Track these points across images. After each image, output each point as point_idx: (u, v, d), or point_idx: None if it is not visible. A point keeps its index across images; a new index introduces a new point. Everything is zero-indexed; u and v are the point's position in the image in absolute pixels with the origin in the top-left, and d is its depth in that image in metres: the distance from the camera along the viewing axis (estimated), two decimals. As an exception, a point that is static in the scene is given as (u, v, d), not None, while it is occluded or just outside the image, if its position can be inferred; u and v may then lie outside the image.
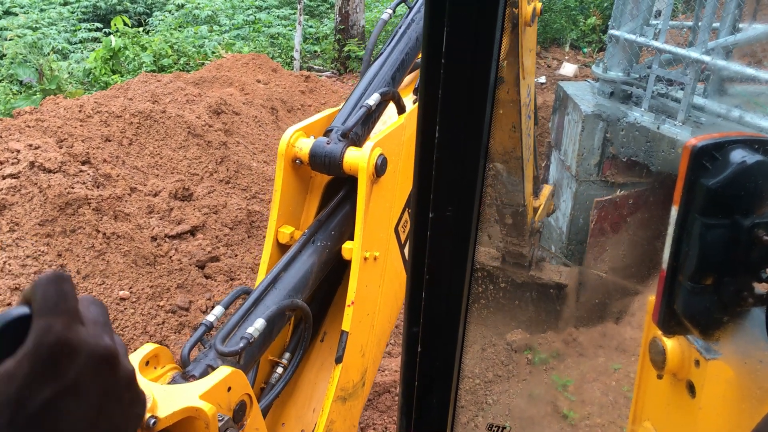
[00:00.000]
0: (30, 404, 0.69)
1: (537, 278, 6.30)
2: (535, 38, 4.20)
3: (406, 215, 2.21)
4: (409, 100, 2.45)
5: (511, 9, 3.66)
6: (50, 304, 0.72)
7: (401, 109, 2.22)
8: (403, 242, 2.22)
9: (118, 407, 0.77)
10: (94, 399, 0.74)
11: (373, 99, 2.05)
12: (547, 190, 5.93)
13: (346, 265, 1.97)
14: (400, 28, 2.48)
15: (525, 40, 3.87)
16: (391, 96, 2.15)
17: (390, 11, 2.62)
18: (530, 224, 5.53)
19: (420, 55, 2.69)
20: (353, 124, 1.98)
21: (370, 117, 2.09)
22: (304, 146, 1.97)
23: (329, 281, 2.14)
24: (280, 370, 1.92)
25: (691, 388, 1.37)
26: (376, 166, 1.89)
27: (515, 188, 4.99)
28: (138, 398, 0.83)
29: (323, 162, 1.95)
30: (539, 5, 3.96)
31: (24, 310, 0.74)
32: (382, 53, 2.37)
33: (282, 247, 2.02)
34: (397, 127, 2.06)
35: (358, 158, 1.89)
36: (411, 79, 2.61)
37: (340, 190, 2.09)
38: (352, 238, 1.94)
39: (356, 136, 2.01)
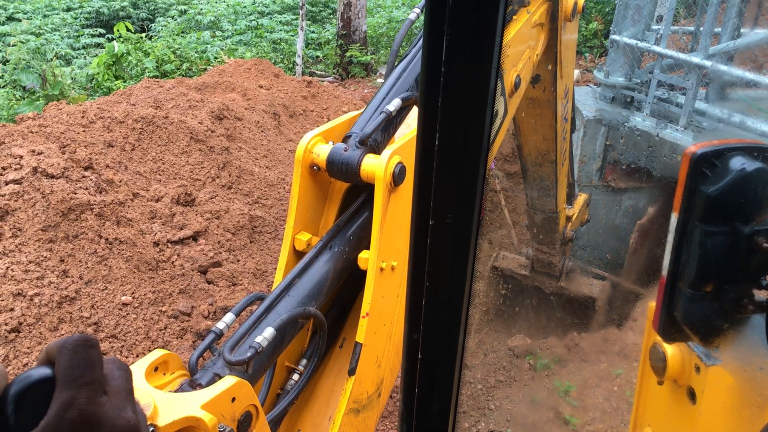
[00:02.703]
0: None
1: (565, 290, 6.06)
2: (575, 36, 3.99)
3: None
4: None
5: (552, 3, 3.46)
6: (75, 374, 0.72)
7: None
8: None
9: None
10: None
11: (393, 104, 1.99)
12: (581, 198, 5.64)
13: (364, 271, 1.93)
14: None
15: (564, 37, 3.70)
16: (413, 101, 2.08)
17: (417, 11, 2.48)
18: (562, 233, 5.32)
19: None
20: (372, 130, 1.93)
21: (391, 123, 2.03)
22: (322, 152, 1.92)
23: (350, 287, 2.10)
24: (296, 376, 1.89)
25: (692, 395, 1.37)
26: (393, 174, 1.83)
27: (547, 193, 4.78)
28: None
29: (340, 169, 1.90)
30: (581, 0, 3.72)
31: (46, 372, 0.74)
32: (406, 55, 2.29)
33: (299, 254, 1.98)
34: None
35: (375, 166, 1.84)
36: None
37: (360, 196, 2.04)
38: (370, 246, 1.90)
39: (375, 142, 1.96)
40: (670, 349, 1.38)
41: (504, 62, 2.72)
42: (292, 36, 13.76)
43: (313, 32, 14.45)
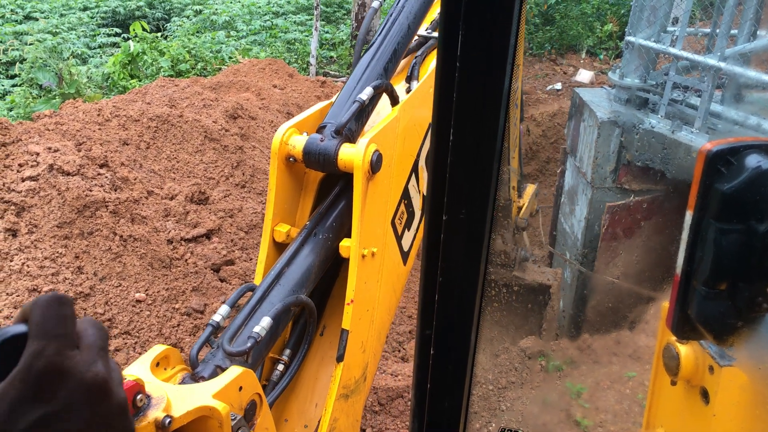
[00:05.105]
0: (17, 426, 0.70)
1: (520, 279, 6.10)
2: (523, 13, 3.98)
3: (402, 207, 2.18)
4: (402, 89, 2.38)
5: None
6: (46, 327, 0.73)
7: (394, 100, 2.17)
8: (399, 234, 2.19)
9: None
10: (82, 425, 0.74)
11: (366, 93, 2.01)
12: (530, 189, 5.85)
13: (344, 259, 1.96)
14: (390, 15, 2.40)
15: None
16: (384, 88, 2.11)
17: None
18: (514, 221, 5.43)
19: (412, 41, 2.60)
20: (346, 120, 1.94)
21: (364, 111, 2.05)
22: (298, 144, 1.94)
23: (327, 275, 2.11)
24: (281, 367, 1.90)
25: (705, 395, 1.36)
26: (371, 163, 1.86)
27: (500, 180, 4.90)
28: (129, 428, 0.82)
29: (318, 160, 1.92)
30: None
31: (22, 328, 0.76)
32: (373, 43, 2.31)
33: (278, 246, 2.01)
34: (391, 121, 2.04)
35: (353, 155, 1.86)
36: (402, 66, 2.53)
37: (335, 185, 2.06)
38: (350, 233, 1.92)
39: (350, 131, 1.98)
40: (684, 349, 1.37)
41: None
42: (307, 36, 13.79)
43: (327, 33, 14.48)
